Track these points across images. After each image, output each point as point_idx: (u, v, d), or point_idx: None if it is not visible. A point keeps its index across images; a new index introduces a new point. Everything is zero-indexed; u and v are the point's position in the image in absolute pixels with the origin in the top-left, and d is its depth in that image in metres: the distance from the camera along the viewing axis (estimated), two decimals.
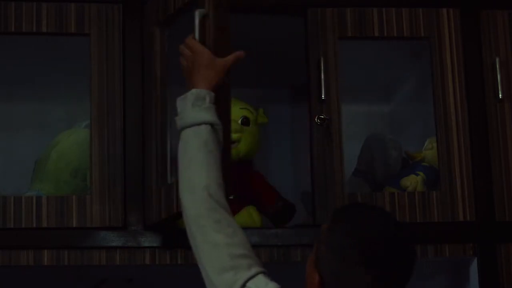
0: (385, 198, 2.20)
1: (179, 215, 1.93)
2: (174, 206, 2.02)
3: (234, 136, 2.20)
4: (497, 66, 2.26)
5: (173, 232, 2.13)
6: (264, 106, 2.44)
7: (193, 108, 1.82)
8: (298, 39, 2.26)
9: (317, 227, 2.13)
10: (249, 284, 1.67)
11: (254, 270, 1.68)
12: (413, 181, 2.31)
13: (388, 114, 2.72)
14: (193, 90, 1.84)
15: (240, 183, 2.19)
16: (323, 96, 2.20)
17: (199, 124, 1.80)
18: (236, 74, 2.51)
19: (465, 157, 2.23)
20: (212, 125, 1.81)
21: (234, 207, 1.90)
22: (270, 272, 1.73)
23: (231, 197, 1.83)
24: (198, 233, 1.75)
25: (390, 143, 2.45)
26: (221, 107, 1.85)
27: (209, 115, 1.81)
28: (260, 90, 2.47)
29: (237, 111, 2.31)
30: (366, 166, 2.43)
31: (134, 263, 2.13)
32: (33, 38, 2.24)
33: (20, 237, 2.11)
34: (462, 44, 2.28)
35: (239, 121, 2.31)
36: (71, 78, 2.38)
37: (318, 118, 2.19)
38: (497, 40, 2.30)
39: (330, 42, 2.25)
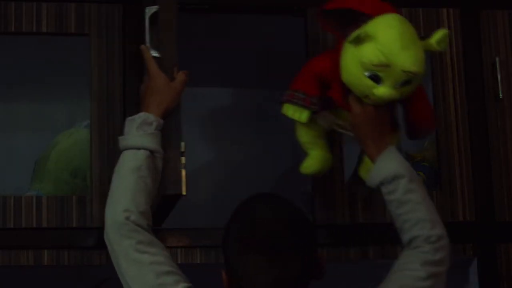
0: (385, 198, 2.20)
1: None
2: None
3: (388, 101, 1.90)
4: (497, 66, 2.26)
5: (173, 232, 2.13)
6: (265, 106, 2.44)
7: (137, 132, 1.85)
8: (298, 39, 2.26)
9: (317, 227, 2.13)
10: None
11: (181, 285, 1.72)
12: None
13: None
14: (142, 114, 1.87)
15: None
16: None
17: (138, 148, 1.84)
18: (236, 74, 2.52)
19: (465, 157, 2.23)
20: (152, 152, 1.84)
21: None
22: None
23: None
24: (121, 253, 1.80)
25: None
26: (172, 128, 1.86)
27: (151, 142, 1.84)
28: (260, 90, 2.47)
29: (398, 75, 1.89)
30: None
31: None
32: (33, 38, 2.24)
33: (20, 237, 2.11)
34: (462, 44, 2.29)
35: (399, 84, 1.90)
36: (71, 78, 2.39)
37: None
38: (497, 40, 2.30)
39: (330, 42, 2.25)
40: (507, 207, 2.22)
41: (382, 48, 1.86)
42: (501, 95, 2.25)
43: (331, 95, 1.96)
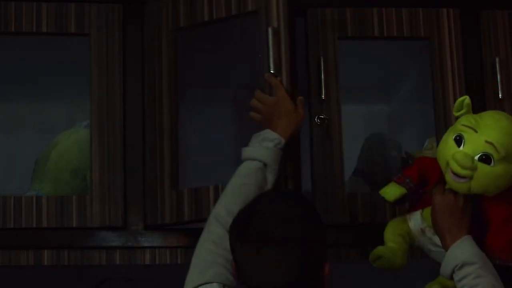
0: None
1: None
2: (185, 215, 2.08)
3: (462, 172, 1.89)
4: (497, 66, 2.26)
5: (173, 232, 2.13)
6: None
7: (259, 145, 1.93)
8: (298, 39, 2.26)
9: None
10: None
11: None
12: None
13: (388, 114, 2.72)
14: (268, 130, 1.94)
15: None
16: (323, 96, 2.21)
17: (253, 159, 1.91)
18: (236, 74, 2.52)
19: None
20: (265, 164, 1.90)
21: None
22: None
23: None
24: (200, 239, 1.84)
25: (390, 143, 2.45)
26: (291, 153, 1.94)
27: (265, 155, 1.91)
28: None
29: (480, 144, 1.91)
30: (366, 166, 2.43)
31: (134, 263, 2.13)
32: (33, 38, 2.24)
33: (20, 237, 2.11)
34: (462, 44, 2.29)
35: (477, 157, 1.89)
36: (71, 78, 2.39)
37: (318, 118, 2.20)
38: (497, 40, 2.30)
39: (330, 42, 2.25)
40: None
41: (478, 118, 1.93)
42: (501, 95, 2.25)
43: (425, 190, 1.98)
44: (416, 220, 2.00)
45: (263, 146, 1.91)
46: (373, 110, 2.70)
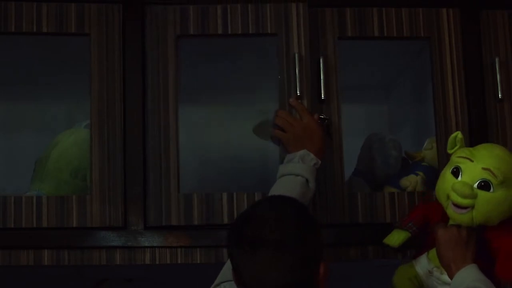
0: (384, 198, 2.20)
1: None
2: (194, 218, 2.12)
3: (463, 201, 1.92)
4: (497, 66, 2.26)
5: (173, 232, 2.13)
6: (267, 105, 2.43)
7: (299, 163, 2.03)
8: None
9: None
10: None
11: None
12: (412, 181, 2.31)
13: (388, 114, 2.72)
14: (306, 151, 2.05)
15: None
16: (323, 96, 2.21)
17: (296, 174, 2.02)
18: (236, 74, 2.52)
19: None
20: (307, 180, 2.02)
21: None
22: None
23: None
24: None
25: (390, 143, 2.45)
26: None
27: (310, 173, 2.03)
28: (260, 91, 2.47)
29: (477, 172, 1.93)
30: (366, 166, 2.43)
31: (134, 263, 2.13)
32: (34, 38, 2.24)
33: (20, 237, 2.11)
34: (462, 44, 2.29)
35: (475, 184, 1.92)
36: (71, 78, 2.39)
37: (319, 117, 2.20)
38: (497, 40, 2.30)
39: (330, 42, 2.25)
40: None
41: (472, 149, 1.96)
42: (500, 95, 2.25)
43: (428, 231, 2.00)
44: (423, 263, 2.02)
45: (305, 164, 2.02)
46: (373, 110, 2.70)
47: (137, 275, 2.41)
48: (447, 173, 1.96)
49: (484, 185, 1.91)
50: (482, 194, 1.91)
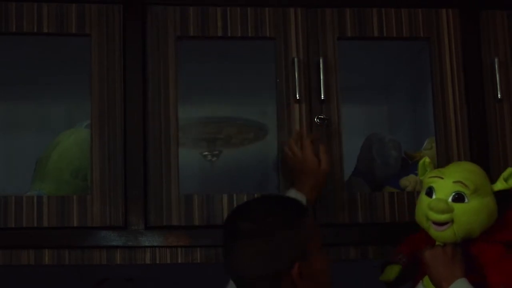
0: (384, 198, 2.20)
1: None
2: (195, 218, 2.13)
3: (441, 217, 1.94)
4: (496, 67, 2.26)
5: (174, 232, 2.13)
6: (265, 107, 2.43)
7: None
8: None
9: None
10: None
11: None
12: (412, 181, 2.32)
13: (387, 114, 2.72)
14: (293, 191, 2.06)
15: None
16: (322, 96, 2.21)
17: None
18: (235, 76, 2.52)
19: (464, 157, 2.23)
20: None
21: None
22: None
23: None
24: None
25: (389, 143, 2.45)
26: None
27: None
28: (259, 94, 2.48)
29: (449, 186, 1.96)
30: (365, 166, 2.44)
31: (134, 263, 2.14)
32: (34, 38, 2.24)
33: (21, 237, 2.11)
34: (461, 44, 2.29)
35: (450, 199, 1.95)
36: (72, 78, 2.39)
37: (318, 118, 2.20)
38: (497, 41, 2.30)
39: (329, 43, 2.26)
40: None
41: (442, 169, 2.01)
42: (500, 96, 2.26)
43: (418, 258, 2.00)
44: None
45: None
46: (372, 110, 2.71)
47: (137, 274, 2.41)
48: (422, 196, 1.99)
49: (458, 197, 1.94)
50: (458, 206, 1.93)
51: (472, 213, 1.93)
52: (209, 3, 2.23)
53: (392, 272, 2.07)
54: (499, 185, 1.97)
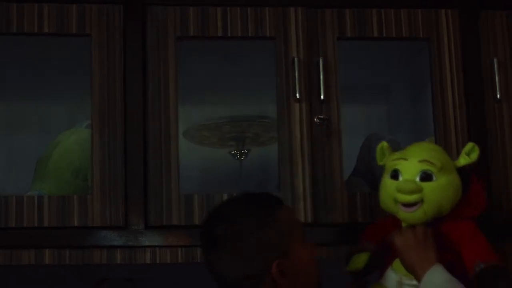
0: None
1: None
2: (196, 218, 2.13)
3: (411, 197, 1.94)
4: (496, 67, 2.26)
5: (174, 232, 2.14)
6: (266, 107, 2.44)
7: None
8: None
9: (317, 227, 2.14)
10: None
11: None
12: None
13: (387, 114, 2.72)
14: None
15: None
16: (322, 97, 2.21)
17: None
18: (235, 76, 2.53)
19: None
20: None
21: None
22: None
23: None
24: None
25: (390, 143, 2.45)
26: None
27: None
28: (261, 92, 2.48)
29: (415, 166, 1.96)
30: (365, 166, 2.44)
31: (135, 263, 2.14)
32: (35, 39, 2.24)
33: (22, 237, 2.12)
34: (461, 44, 2.29)
35: (417, 178, 1.95)
36: (72, 78, 2.39)
37: (318, 118, 2.21)
38: (496, 41, 2.30)
39: (329, 43, 2.26)
40: (505, 206, 2.23)
41: (403, 150, 2.01)
42: (499, 96, 2.26)
43: (386, 243, 2.00)
44: (390, 277, 2.01)
45: None
46: (372, 110, 2.71)
47: (137, 274, 2.41)
48: (386, 180, 1.98)
49: (426, 176, 1.93)
50: (426, 185, 1.93)
51: (441, 191, 1.93)
52: (209, 3, 2.24)
53: (360, 260, 2.04)
54: (462, 160, 1.98)
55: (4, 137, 2.56)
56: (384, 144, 2.03)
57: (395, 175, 1.96)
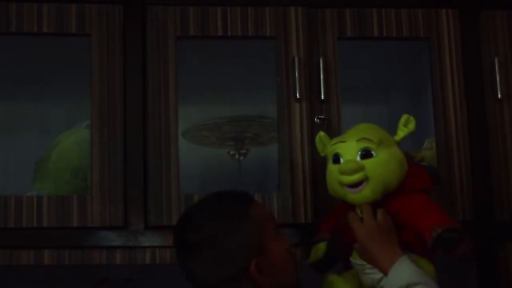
0: None
1: None
2: None
3: (354, 177, 1.91)
4: (496, 66, 2.26)
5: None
6: (266, 107, 2.43)
7: None
8: None
9: (317, 226, 2.14)
10: None
11: None
12: None
13: (387, 114, 2.72)
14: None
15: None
16: (322, 97, 2.21)
17: None
18: (235, 76, 2.53)
19: (464, 157, 2.23)
20: None
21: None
22: None
23: None
24: None
25: None
26: None
27: None
28: (261, 92, 2.48)
29: (353, 146, 1.94)
30: None
31: (134, 263, 2.14)
32: (34, 38, 2.24)
33: (21, 237, 2.11)
34: (461, 44, 2.29)
35: (358, 158, 1.93)
36: (72, 78, 2.39)
37: (318, 118, 2.20)
38: (496, 41, 2.30)
39: (329, 43, 2.26)
40: (506, 207, 2.22)
41: (343, 135, 1.99)
42: (500, 95, 2.26)
43: (339, 224, 1.99)
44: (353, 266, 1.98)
45: None
46: (373, 110, 2.70)
47: (137, 274, 2.41)
48: (330, 166, 1.97)
49: (366, 154, 1.92)
50: (367, 162, 1.91)
51: (383, 165, 1.91)
52: (209, 3, 2.23)
53: (319, 250, 2.02)
54: (400, 133, 1.97)
55: (4, 137, 2.56)
56: (321, 133, 2.03)
57: (336, 159, 1.95)
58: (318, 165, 2.19)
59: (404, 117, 1.98)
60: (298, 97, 2.19)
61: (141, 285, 2.48)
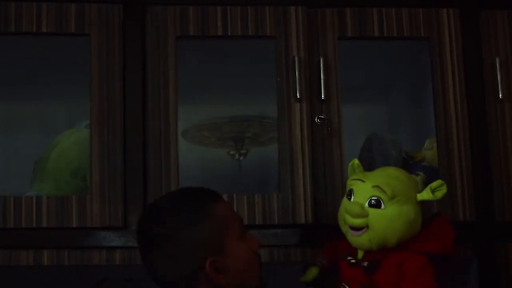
0: None
1: None
2: None
3: (356, 221, 1.90)
4: (497, 66, 2.26)
5: None
6: (266, 106, 2.43)
7: None
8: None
9: (317, 227, 2.14)
10: None
11: None
12: None
13: (388, 114, 2.72)
14: None
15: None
16: (323, 96, 2.21)
17: None
18: (235, 76, 2.52)
19: (465, 157, 2.23)
20: None
21: None
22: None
23: None
24: None
25: (390, 143, 2.45)
26: None
27: None
28: (261, 92, 2.48)
29: (367, 190, 1.92)
30: (366, 166, 2.43)
31: (134, 263, 2.14)
32: (34, 38, 2.24)
33: (20, 237, 2.11)
34: (462, 44, 2.29)
35: (366, 204, 1.90)
36: (71, 78, 2.39)
37: (318, 118, 2.20)
38: (497, 40, 2.30)
39: (330, 42, 2.25)
40: (507, 207, 2.22)
41: (367, 172, 1.97)
42: (501, 95, 2.25)
43: (334, 260, 2.00)
44: None
45: None
46: (373, 110, 2.70)
47: (137, 275, 2.40)
48: (344, 199, 1.96)
49: (375, 203, 1.89)
50: (373, 211, 1.89)
51: (387, 220, 1.88)
52: (209, 3, 2.23)
53: (310, 274, 2.03)
54: (425, 194, 1.92)
55: (3, 137, 2.56)
56: (355, 161, 1.99)
57: (349, 194, 1.94)
58: (318, 165, 2.19)
59: (438, 182, 1.92)
60: (298, 97, 2.19)
61: (141, 285, 2.48)
